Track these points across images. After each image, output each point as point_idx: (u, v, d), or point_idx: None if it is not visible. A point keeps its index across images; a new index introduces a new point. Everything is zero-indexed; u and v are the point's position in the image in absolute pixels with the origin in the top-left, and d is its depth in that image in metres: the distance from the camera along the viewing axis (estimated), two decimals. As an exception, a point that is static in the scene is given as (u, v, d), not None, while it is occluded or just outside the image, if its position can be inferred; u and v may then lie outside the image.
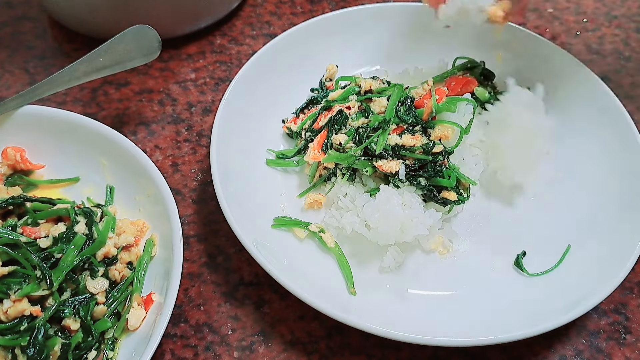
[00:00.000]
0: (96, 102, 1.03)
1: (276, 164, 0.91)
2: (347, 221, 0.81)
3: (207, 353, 0.76)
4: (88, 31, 1.09)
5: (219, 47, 1.13)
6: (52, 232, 0.75)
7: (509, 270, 0.82)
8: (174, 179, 0.93)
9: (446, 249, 0.84)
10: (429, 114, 0.84)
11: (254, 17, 1.19)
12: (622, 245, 0.78)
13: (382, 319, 0.72)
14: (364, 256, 0.82)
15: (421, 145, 0.82)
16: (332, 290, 0.78)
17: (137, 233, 0.80)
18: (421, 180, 0.81)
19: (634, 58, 1.15)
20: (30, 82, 1.04)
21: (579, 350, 0.78)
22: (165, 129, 1.00)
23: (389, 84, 0.94)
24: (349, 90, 0.93)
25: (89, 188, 0.85)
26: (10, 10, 1.16)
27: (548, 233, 0.85)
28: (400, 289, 0.80)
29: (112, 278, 0.75)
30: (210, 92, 1.05)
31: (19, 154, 0.84)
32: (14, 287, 0.68)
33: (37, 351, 0.66)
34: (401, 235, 0.79)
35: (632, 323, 0.81)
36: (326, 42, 1.01)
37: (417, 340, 0.69)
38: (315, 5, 1.22)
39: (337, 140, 0.86)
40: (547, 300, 0.77)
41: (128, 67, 0.91)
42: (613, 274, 0.74)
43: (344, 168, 0.85)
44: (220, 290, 0.82)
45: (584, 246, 0.82)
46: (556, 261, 0.82)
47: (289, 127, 0.94)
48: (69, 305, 0.70)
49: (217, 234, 0.87)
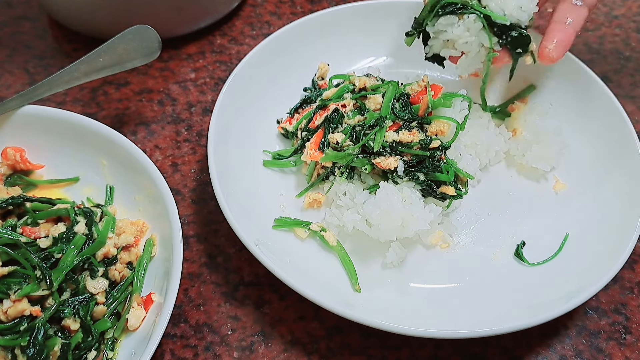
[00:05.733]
0: (96, 102, 1.03)
1: (273, 165, 0.91)
2: (347, 219, 0.81)
3: (207, 353, 0.76)
4: (88, 31, 1.09)
5: (219, 47, 1.13)
6: (52, 232, 0.75)
7: (509, 260, 0.83)
8: (173, 179, 0.93)
9: (447, 243, 0.84)
10: (425, 110, 0.85)
11: (254, 17, 1.19)
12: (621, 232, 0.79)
13: (387, 314, 0.73)
14: (366, 253, 0.82)
15: (418, 141, 0.82)
16: (336, 288, 0.78)
17: (136, 233, 0.79)
18: (420, 176, 0.82)
19: (634, 58, 1.15)
20: (30, 82, 1.04)
21: (579, 351, 0.78)
22: (165, 129, 1.00)
23: (382, 81, 0.94)
24: (344, 88, 0.93)
25: (89, 188, 0.85)
26: (10, 10, 1.16)
27: (547, 223, 0.86)
28: (403, 283, 0.80)
29: (112, 278, 0.75)
30: (210, 92, 1.05)
31: (19, 154, 0.84)
32: (14, 287, 0.68)
33: (37, 351, 0.66)
34: (402, 231, 0.79)
35: (632, 323, 0.81)
36: (317, 41, 1.01)
37: (422, 334, 0.69)
38: (315, 5, 1.22)
39: (334, 139, 0.86)
40: (548, 289, 0.77)
41: (128, 67, 0.91)
42: (612, 261, 0.75)
43: (342, 166, 0.85)
44: (220, 290, 0.82)
45: (583, 235, 0.83)
46: (555, 250, 0.83)
47: (284, 128, 0.94)
48: (68, 306, 0.70)
49: (217, 234, 0.87)
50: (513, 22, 0.83)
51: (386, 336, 0.78)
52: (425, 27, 0.87)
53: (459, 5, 0.83)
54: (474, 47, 0.85)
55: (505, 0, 0.82)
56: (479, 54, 0.86)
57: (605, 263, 0.76)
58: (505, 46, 0.85)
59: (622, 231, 0.79)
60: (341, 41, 1.03)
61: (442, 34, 0.85)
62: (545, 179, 0.92)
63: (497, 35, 0.84)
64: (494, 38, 0.84)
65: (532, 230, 0.86)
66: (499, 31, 0.83)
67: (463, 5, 0.83)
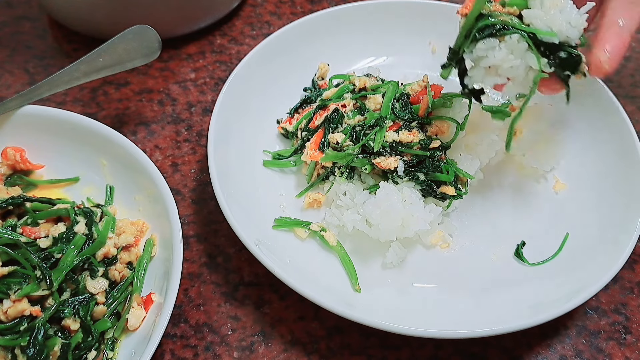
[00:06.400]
0: (96, 102, 1.03)
1: (273, 165, 0.91)
2: (347, 219, 0.81)
3: (207, 353, 0.76)
4: (88, 31, 1.09)
5: (219, 47, 1.13)
6: (52, 232, 0.75)
7: (509, 260, 0.83)
8: (173, 179, 0.93)
9: (446, 243, 0.84)
10: (425, 110, 0.85)
11: (254, 17, 1.19)
12: (621, 231, 0.79)
13: (388, 314, 0.73)
14: (366, 253, 0.82)
15: (418, 141, 0.82)
16: (336, 288, 0.78)
17: (136, 233, 0.79)
18: (420, 176, 0.82)
19: (634, 58, 1.15)
20: (30, 82, 1.04)
21: (579, 351, 0.78)
22: (165, 129, 1.00)
23: (382, 81, 0.94)
24: (344, 88, 0.93)
25: (89, 188, 0.85)
26: (10, 10, 1.16)
27: (547, 223, 0.86)
28: (403, 283, 0.80)
29: (112, 278, 0.75)
30: (210, 92, 1.05)
31: (19, 154, 0.84)
32: (14, 287, 0.68)
33: (37, 351, 0.66)
34: (402, 231, 0.79)
35: (632, 323, 0.81)
36: (317, 41, 1.02)
37: (422, 334, 0.69)
38: (315, 5, 1.22)
39: (334, 139, 0.86)
40: (548, 289, 0.78)
41: (128, 67, 0.91)
42: (612, 261, 0.75)
43: (342, 166, 0.85)
44: (220, 290, 0.82)
45: (583, 235, 0.83)
46: (555, 250, 0.83)
47: (284, 128, 0.94)
48: (68, 306, 0.70)
49: (217, 234, 0.87)
50: (562, 40, 0.72)
51: (386, 336, 0.78)
52: (462, 56, 0.76)
53: (498, 27, 0.72)
54: (520, 71, 0.74)
55: (552, 15, 0.71)
56: (527, 78, 0.75)
57: (605, 263, 0.76)
58: (554, 67, 0.74)
59: (622, 231, 0.79)
60: (341, 41, 1.04)
61: (483, 60, 0.74)
62: (545, 179, 0.92)
63: (545, 56, 0.72)
64: (543, 59, 0.72)
65: (532, 230, 0.86)
66: (547, 51, 0.72)
67: (503, 26, 0.72)
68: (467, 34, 0.75)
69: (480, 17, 0.73)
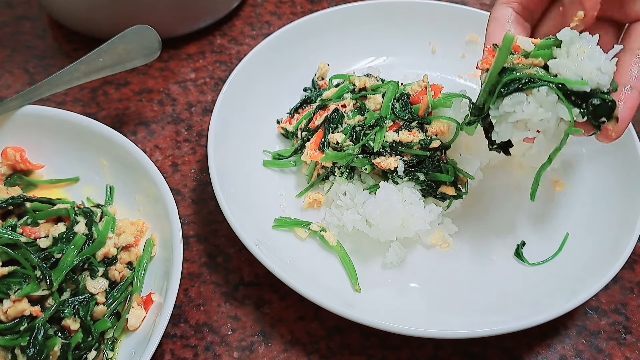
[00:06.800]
0: (96, 102, 1.03)
1: (273, 165, 0.91)
2: (347, 219, 0.81)
3: (207, 353, 0.76)
4: (88, 31, 1.09)
5: (219, 47, 1.13)
6: (52, 232, 0.75)
7: (509, 260, 0.83)
8: (173, 179, 0.93)
9: (446, 243, 0.84)
10: (425, 110, 0.85)
11: (254, 17, 1.19)
12: (621, 231, 0.79)
13: (387, 314, 0.73)
14: (366, 253, 0.82)
15: (418, 141, 0.82)
16: (336, 288, 0.78)
17: (136, 233, 0.79)
18: (420, 176, 0.82)
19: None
20: (30, 82, 1.04)
21: (579, 351, 0.78)
22: (165, 129, 1.00)
23: (382, 81, 0.94)
24: (344, 88, 0.93)
25: (89, 188, 0.85)
26: (10, 10, 1.16)
27: (547, 223, 0.86)
28: (403, 283, 0.80)
29: (112, 278, 0.75)
30: (210, 92, 1.05)
31: (19, 154, 0.84)
32: (14, 287, 0.68)
33: (37, 351, 0.66)
34: (402, 231, 0.79)
35: (632, 323, 0.81)
36: (317, 41, 1.02)
37: (422, 334, 0.69)
38: (315, 5, 1.22)
39: (334, 139, 0.86)
40: (548, 289, 0.78)
41: (128, 67, 0.91)
42: (612, 261, 0.75)
43: (342, 166, 0.85)
44: (220, 290, 0.82)
45: (583, 235, 0.83)
46: (555, 250, 0.83)
47: (284, 128, 0.94)
48: (68, 306, 0.70)
49: (217, 234, 0.87)
50: (593, 87, 0.67)
51: (386, 336, 0.78)
52: (488, 113, 0.72)
53: (524, 80, 0.67)
54: (551, 123, 0.70)
55: (580, 63, 0.67)
56: (558, 130, 0.71)
57: (605, 263, 0.76)
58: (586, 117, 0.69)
59: (622, 231, 0.79)
60: (341, 41, 1.04)
61: (510, 115, 0.70)
62: (545, 179, 0.92)
63: (577, 105, 0.68)
64: (575, 109, 0.68)
65: (532, 230, 0.86)
66: (578, 100, 0.68)
67: (530, 79, 0.67)
68: (491, 90, 0.70)
69: (503, 71, 0.69)
